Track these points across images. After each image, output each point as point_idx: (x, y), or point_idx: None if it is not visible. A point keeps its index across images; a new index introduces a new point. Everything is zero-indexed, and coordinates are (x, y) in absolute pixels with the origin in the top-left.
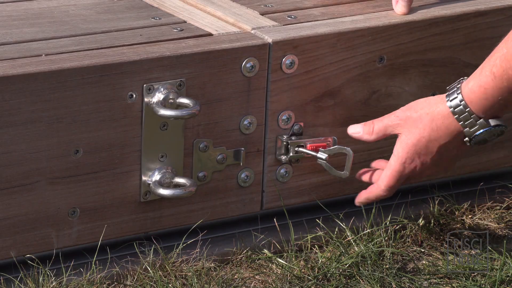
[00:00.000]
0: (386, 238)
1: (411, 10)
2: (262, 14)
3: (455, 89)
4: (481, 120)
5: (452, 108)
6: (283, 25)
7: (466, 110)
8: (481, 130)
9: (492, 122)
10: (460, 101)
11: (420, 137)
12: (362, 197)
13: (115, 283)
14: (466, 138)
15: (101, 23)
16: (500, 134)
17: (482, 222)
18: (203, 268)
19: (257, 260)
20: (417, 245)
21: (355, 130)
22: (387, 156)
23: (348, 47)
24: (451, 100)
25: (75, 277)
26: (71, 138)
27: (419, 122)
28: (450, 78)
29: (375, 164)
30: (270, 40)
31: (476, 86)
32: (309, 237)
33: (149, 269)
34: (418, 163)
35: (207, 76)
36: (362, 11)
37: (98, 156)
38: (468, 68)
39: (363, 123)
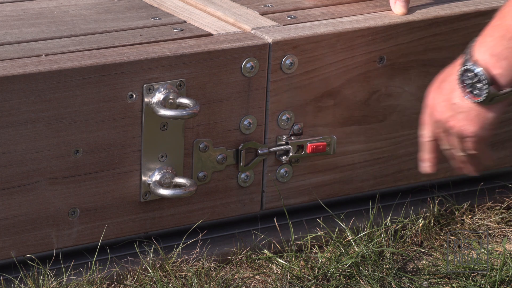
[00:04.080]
0: (386, 238)
1: (411, 10)
2: (262, 14)
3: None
4: None
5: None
6: (283, 25)
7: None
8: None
9: None
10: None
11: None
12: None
13: (115, 283)
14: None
15: (101, 23)
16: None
17: (482, 222)
18: (203, 268)
19: (257, 260)
20: (417, 245)
21: None
22: (387, 156)
23: (348, 47)
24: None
25: (75, 277)
26: (71, 138)
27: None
28: None
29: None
30: (270, 40)
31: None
32: (309, 237)
33: (149, 269)
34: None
35: (207, 76)
36: (362, 11)
37: (98, 156)
38: None
39: None
